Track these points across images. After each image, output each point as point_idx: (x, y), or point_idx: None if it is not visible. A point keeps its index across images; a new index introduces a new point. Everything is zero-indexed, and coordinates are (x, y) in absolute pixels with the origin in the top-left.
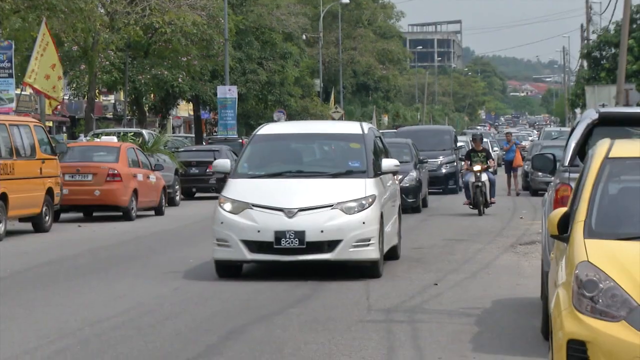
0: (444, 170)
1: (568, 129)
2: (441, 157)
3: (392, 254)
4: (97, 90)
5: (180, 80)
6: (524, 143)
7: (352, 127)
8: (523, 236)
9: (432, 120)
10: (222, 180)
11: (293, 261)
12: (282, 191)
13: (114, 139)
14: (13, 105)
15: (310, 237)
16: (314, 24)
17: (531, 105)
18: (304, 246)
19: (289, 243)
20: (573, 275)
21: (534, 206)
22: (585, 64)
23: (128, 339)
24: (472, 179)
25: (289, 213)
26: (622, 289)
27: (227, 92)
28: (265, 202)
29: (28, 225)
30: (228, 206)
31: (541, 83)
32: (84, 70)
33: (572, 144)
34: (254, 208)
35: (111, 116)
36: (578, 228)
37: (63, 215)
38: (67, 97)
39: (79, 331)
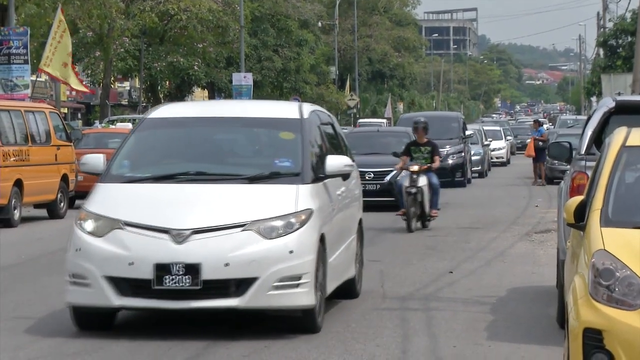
0: (450, 162)
1: (584, 117)
2: (448, 146)
3: (347, 291)
4: (112, 77)
5: (195, 67)
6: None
7: (285, 110)
8: (538, 224)
9: (448, 107)
10: None
11: (182, 309)
12: (170, 203)
13: (129, 125)
14: (28, 91)
15: (208, 273)
16: (330, 11)
17: (547, 94)
18: (199, 287)
19: (176, 282)
20: (589, 264)
21: (549, 194)
22: (601, 52)
23: (143, 325)
24: (406, 182)
25: (178, 236)
26: (638, 277)
27: (243, 79)
28: (144, 219)
29: (43, 212)
30: (89, 225)
31: (557, 71)
32: (99, 56)
33: (589, 132)
34: (127, 228)
35: (126, 103)
36: (594, 216)
37: (78, 202)
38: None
39: None
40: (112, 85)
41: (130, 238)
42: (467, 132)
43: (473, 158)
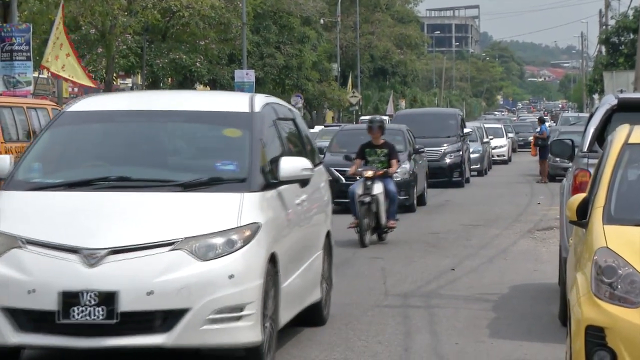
0: (447, 160)
1: (586, 115)
2: (445, 145)
3: (310, 317)
4: (114, 74)
5: (197, 64)
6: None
7: (233, 102)
8: (540, 222)
9: (450, 105)
10: None
11: (94, 348)
12: (84, 216)
13: None
14: (31, 88)
15: (127, 304)
16: (332, 8)
17: (549, 91)
18: (116, 320)
19: (86, 314)
20: (592, 261)
21: (551, 192)
22: (603, 49)
23: None
24: (359, 189)
25: (90, 257)
26: None
27: (245, 76)
28: (50, 235)
29: None
30: None
31: (559, 68)
32: (102, 53)
33: (591, 130)
34: (28, 247)
35: None
36: (597, 214)
37: None
38: None
39: None
40: (115, 82)
41: (32, 260)
42: (466, 130)
43: (472, 156)
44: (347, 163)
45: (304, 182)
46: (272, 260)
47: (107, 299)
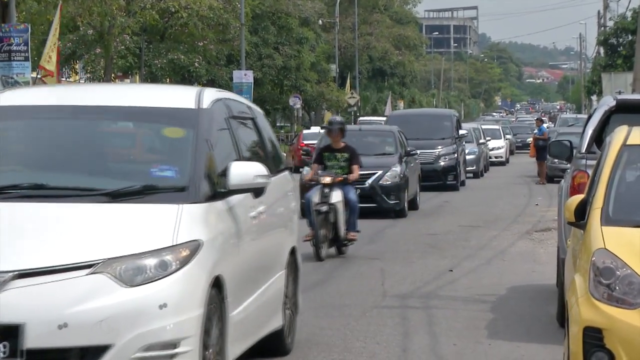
0: (442, 163)
1: (584, 116)
2: (439, 147)
3: (270, 347)
4: (112, 75)
5: (196, 64)
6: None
7: (177, 97)
8: (539, 223)
9: (448, 105)
10: None
11: None
12: None
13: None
14: None
15: (34, 339)
16: (330, 9)
17: (547, 92)
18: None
19: None
20: (590, 263)
21: (549, 193)
22: (601, 50)
23: None
24: (315, 198)
25: None
26: (639, 276)
27: (243, 76)
28: None
29: None
30: None
31: (557, 70)
32: (100, 54)
33: (589, 131)
34: None
35: None
36: (595, 215)
37: None
38: (82, 81)
39: None
40: (113, 83)
41: None
42: (461, 132)
43: (468, 157)
44: None
45: (257, 191)
46: (217, 284)
47: (10, 333)
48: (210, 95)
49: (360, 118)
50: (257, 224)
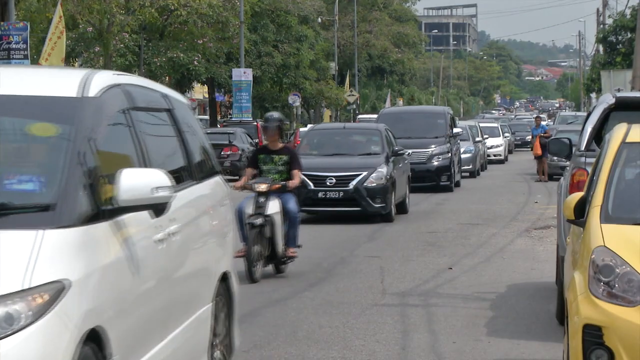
0: (435, 163)
1: (583, 114)
2: (433, 146)
3: None
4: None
5: (195, 62)
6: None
7: (56, 82)
8: (538, 221)
9: (447, 103)
10: (237, 162)
11: None
12: None
13: None
14: None
15: None
16: (330, 7)
17: (546, 90)
18: None
19: None
20: (589, 260)
21: (548, 191)
22: (601, 48)
23: None
24: (249, 208)
25: None
26: (638, 274)
27: (242, 74)
28: None
29: None
30: None
31: (556, 67)
32: (99, 52)
33: (589, 129)
34: None
35: None
36: (594, 213)
37: None
38: None
39: None
40: None
41: None
42: (456, 130)
43: (463, 156)
44: (318, 166)
45: (158, 208)
46: (95, 339)
47: None
48: (102, 79)
49: (360, 116)
50: (166, 249)
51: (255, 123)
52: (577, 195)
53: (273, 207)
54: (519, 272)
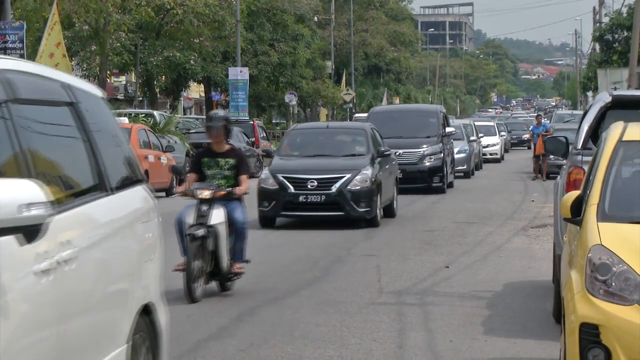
0: (427, 164)
1: (580, 112)
2: (424, 146)
3: None
4: (108, 72)
5: (192, 61)
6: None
7: None
8: (534, 219)
9: (444, 102)
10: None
11: None
12: None
13: (125, 120)
14: None
15: None
16: (326, 5)
17: (543, 88)
18: None
19: None
20: (586, 259)
21: (545, 189)
22: (597, 46)
23: None
24: (189, 218)
25: None
26: (635, 272)
27: (239, 73)
28: None
29: None
30: None
31: (553, 66)
32: (95, 51)
33: (585, 127)
34: None
35: (122, 97)
36: (591, 211)
37: None
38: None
39: None
40: (108, 80)
41: None
42: (448, 129)
43: (457, 156)
44: (299, 168)
45: (29, 231)
46: None
47: None
48: None
49: (356, 115)
50: (54, 282)
51: (252, 122)
52: (574, 194)
53: (217, 216)
54: (516, 271)
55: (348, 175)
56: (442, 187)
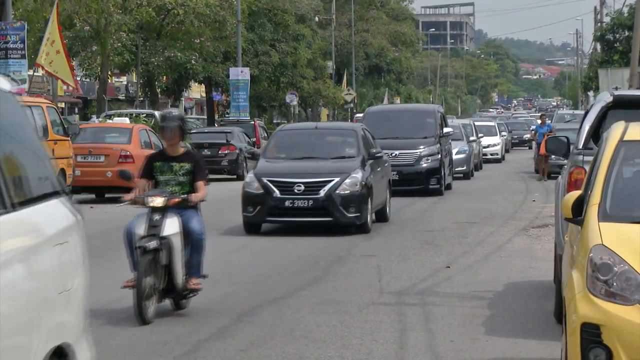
0: (424, 165)
1: (581, 112)
2: (421, 146)
3: None
4: (109, 72)
5: (193, 62)
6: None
7: None
8: (535, 219)
9: (445, 102)
10: (234, 161)
11: None
12: None
13: (127, 120)
14: (25, 86)
15: None
16: (327, 5)
17: (544, 88)
18: None
19: None
20: (587, 259)
21: (546, 189)
22: (598, 46)
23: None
24: (140, 229)
25: None
26: (636, 272)
27: (240, 73)
28: None
29: None
30: None
31: (554, 66)
32: (96, 51)
33: (586, 127)
34: None
35: (123, 98)
36: (592, 211)
37: (75, 197)
38: (79, 78)
39: (90, 312)
40: (109, 80)
41: None
42: (446, 129)
43: (457, 157)
44: (285, 171)
45: None
46: None
47: None
48: None
49: (357, 115)
50: None
51: (253, 122)
52: (575, 194)
53: (171, 226)
54: (517, 271)
55: (337, 179)
56: (439, 189)
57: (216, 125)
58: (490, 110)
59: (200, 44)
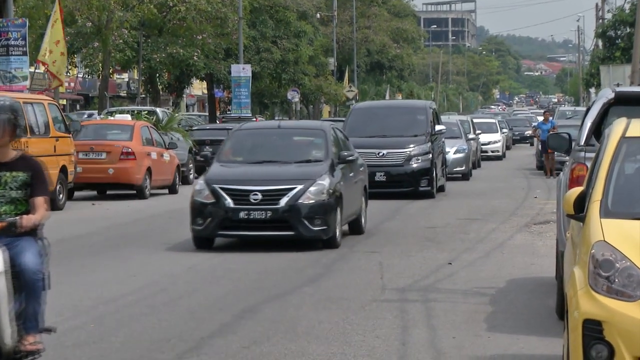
0: (414, 165)
1: (583, 109)
2: (411, 145)
3: None
4: (110, 69)
5: (194, 58)
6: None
7: None
8: (537, 216)
9: (446, 99)
10: None
11: None
12: None
13: (128, 117)
14: (27, 83)
15: None
16: (328, 2)
17: (545, 85)
18: None
19: None
20: (589, 255)
21: (548, 186)
22: (600, 43)
23: (142, 317)
24: None
25: None
26: (638, 268)
27: (241, 70)
28: None
29: None
30: None
31: (555, 62)
32: (98, 48)
33: (588, 124)
34: None
35: (125, 94)
36: (594, 208)
37: (77, 194)
38: (80, 75)
39: (92, 309)
40: (111, 77)
41: None
42: (438, 127)
43: (455, 156)
44: (240, 177)
45: None
46: None
47: None
48: None
49: None
50: None
51: (255, 119)
52: (577, 190)
53: (24, 257)
54: (519, 267)
55: (300, 187)
56: (430, 191)
57: (218, 122)
58: (492, 107)
59: (202, 40)
